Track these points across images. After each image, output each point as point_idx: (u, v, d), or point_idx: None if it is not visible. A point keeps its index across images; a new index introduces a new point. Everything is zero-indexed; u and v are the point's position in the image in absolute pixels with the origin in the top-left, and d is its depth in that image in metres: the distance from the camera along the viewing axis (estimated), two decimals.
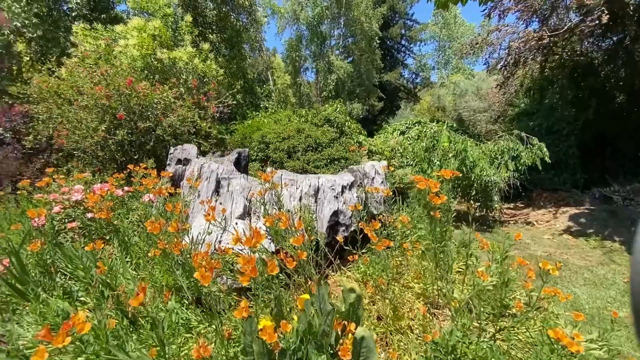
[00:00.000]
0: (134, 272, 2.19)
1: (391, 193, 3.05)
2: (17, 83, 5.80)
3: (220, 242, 2.49)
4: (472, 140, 5.77)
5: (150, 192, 2.78)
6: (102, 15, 7.73)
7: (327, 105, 7.36)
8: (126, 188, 3.11)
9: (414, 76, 35.88)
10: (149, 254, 2.21)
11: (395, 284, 2.52)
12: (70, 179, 3.68)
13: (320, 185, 2.95)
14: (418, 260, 2.55)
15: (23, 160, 5.21)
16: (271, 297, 1.95)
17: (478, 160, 5.07)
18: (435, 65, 34.94)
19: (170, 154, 4.18)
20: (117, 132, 4.81)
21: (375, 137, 8.35)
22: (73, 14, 7.87)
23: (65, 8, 8.03)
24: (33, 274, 2.19)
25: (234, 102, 7.14)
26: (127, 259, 2.51)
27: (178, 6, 7.20)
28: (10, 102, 5.55)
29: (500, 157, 5.71)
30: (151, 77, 5.99)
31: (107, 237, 2.87)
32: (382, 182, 3.45)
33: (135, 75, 5.46)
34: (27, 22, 7.06)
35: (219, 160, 3.55)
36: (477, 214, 5.95)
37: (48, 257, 2.24)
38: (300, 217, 2.80)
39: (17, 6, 6.85)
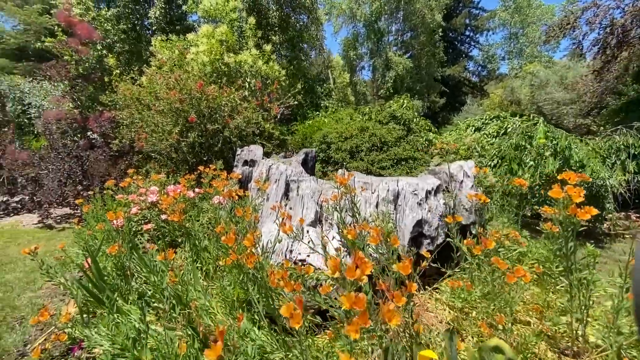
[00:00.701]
0: (204, 283, 2.05)
1: (488, 200, 2.52)
2: (106, 92, 6.44)
3: (291, 251, 2.25)
4: (573, 135, 4.80)
5: (220, 194, 2.68)
6: (177, 27, 8.33)
7: (392, 102, 6.86)
8: (197, 190, 3.08)
9: (480, 69, 32.99)
10: (220, 263, 2.06)
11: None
12: (148, 179, 3.83)
13: (401, 190, 2.55)
14: (541, 289, 2.00)
15: (111, 161, 5.72)
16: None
17: (587, 159, 4.14)
18: (505, 55, 31.60)
19: (238, 155, 4.14)
20: (189, 134, 4.98)
21: (445, 134, 7.58)
22: (153, 28, 8.59)
23: (146, 23, 8.82)
24: (111, 276, 2.19)
25: (295, 102, 7.06)
26: (197, 265, 2.42)
27: (242, 10, 7.36)
28: (100, 109, 6.18)
29: (614, 155, 4.64)
30: (219, 80, 6.16)
31: (179, 240, 2.85)
32: (472, 186, 2.91)
33: (205, 79, 5.64)
34: (116, 38, 7.88)
35: (286, 161, 3.36)
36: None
37: (125, 259, 2.22)
38: (378, 226, 2.44)
39: (109, 24, 7.68)
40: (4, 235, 4.48)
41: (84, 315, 2.01)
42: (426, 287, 2.55)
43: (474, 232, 2.86)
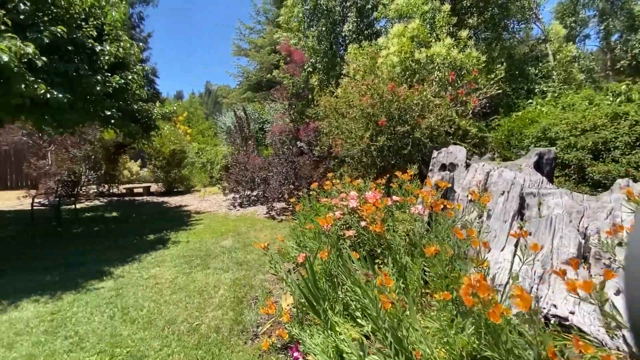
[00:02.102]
0: (419, 317, 1.73)
1: None
2: (311, 106, 7.50)
3: (537, 298, 1.57)
4: None
5: (426, 204, 2.31)
6: (366, 32, 8.79)
7: None
8: (395, 198, 2.86)
9: None
10: (436, 296, 1.67)
11: None
12: (342, 182, 4.01)
13: None
14: None
15: (313, 165, 6.59)
16: None
17: None
18: None
19: (434, 157, 3.66)
20: (378, 138, 4.95)
21: None
22: (347, 42, 9.43)
23: (340, 40, 9.81)
24: (321, 281, 2.24)
25: (499, 91, 5.77)
26: (400, 284, 2.15)
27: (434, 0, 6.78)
28: (307, 121, 7.27)
29: None
30: (409, 79, 5.89)
31: (378, 250, 2.70)
32: None
33: (396, 79, 5.50)
34: (318, 58, 9.16)
35: (509, 166, 2.59)
36: None
37: (333, 266, 2.24)
38: None
39: (315, 42, 9.04)
40: (247, 221, 5.95)
41: (299, 313, 2.13)
42: None
43: None
